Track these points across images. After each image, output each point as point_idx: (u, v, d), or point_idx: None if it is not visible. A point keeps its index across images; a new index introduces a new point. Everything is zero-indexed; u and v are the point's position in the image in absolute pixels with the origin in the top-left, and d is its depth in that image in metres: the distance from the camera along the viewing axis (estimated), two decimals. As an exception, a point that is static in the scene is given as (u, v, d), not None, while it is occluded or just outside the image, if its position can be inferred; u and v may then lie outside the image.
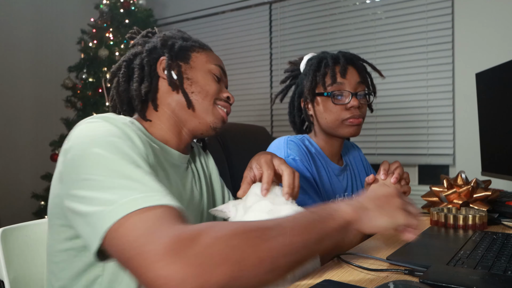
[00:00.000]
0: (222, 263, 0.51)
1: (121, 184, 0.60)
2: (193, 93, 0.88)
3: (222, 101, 0.93)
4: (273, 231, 0.56)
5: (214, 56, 0.95)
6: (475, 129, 1.64)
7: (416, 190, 2.46)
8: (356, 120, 1.16)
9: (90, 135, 0.68)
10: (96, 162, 0.63)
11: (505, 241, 0.84)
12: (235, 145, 1.49)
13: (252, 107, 3.10)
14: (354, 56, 1.21)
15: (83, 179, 0.62)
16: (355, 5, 2.68)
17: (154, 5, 3.44)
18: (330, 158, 1.24)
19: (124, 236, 0.55)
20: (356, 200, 0.68)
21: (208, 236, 0.53)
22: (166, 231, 0.54)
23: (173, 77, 0.88)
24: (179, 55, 0.91)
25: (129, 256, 0.53)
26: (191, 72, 0.90)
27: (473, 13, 2.32)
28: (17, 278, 0.84)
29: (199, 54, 0.93)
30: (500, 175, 1.39)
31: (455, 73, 2.38)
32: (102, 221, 0.57)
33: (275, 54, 3.01)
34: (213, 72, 0.92)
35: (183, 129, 0.90)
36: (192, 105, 0.88)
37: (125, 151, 0.66)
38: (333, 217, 0.62)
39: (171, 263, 0.50)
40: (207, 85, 0.90)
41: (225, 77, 0.97)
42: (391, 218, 0.67)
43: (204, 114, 0.90)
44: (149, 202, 0.58)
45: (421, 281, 0.59)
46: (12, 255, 0.84)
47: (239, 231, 0.55)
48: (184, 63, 0.90)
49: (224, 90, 0.95)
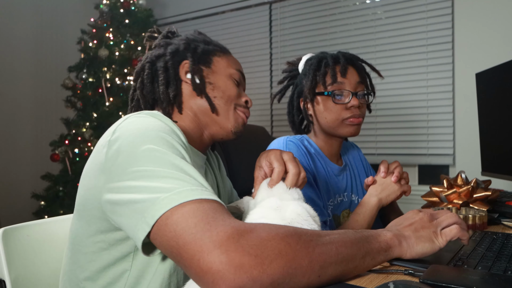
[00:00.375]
0: (278, 258, 0.53)
1: (175, 175, 0.61)
2: (215, 98, 0.90)
3: (241, 106, 0.94)
4: (324, 239, 0.59)
5: (234, 61, 0.96)
6: (475, 129, 1.64)
7: (416, 190, 2.46)
8: (356, 119, 1.16)
9: (141, 129, 0.68)
10: (148, 155, 0.64)
11: (505, 241, 0.85)
12: (235, 145, 1.49)
13: (252, 107, 3.09)
14: (353, 56, 1.22)
15: (135, 171, 0.63)
16: (355, 5, 2.68)
17: (154, 5, 3.44)
18: (329, 158, 1.24)
19: (180, 223, 0.55)
20: (392, 228, 0.70)
21: (265, 231, 0.55)
22: (223, 221, 0.55)
23: (196, 81, 0.89)
24: (202, 59, 0.92)
25: (184, 242, 0.54)
26: (213, 76, 0.91)
27: (473, 13, 2.32)
28: (18, 277, 0.84)
29: (220, 58, 0.94)
30: (500, 175, 1.39)
31: (455, 73, 2.38)
32: (155, 208, 0.58)
33: (275, 54, 3.01)
34: (233, 77, 0.93)
35: (205, 132, 0.92)
36: (216, 110, 0.89)
37: (176, 146, 0.68)
38: (376, 239, 0.64)
39: (229, 250, 0.51)
40: (228, 90, 0.91)
41: (243, 81, 0.98)
42: (431, 244, 0.68)
43: (226, 119, 0.91)
44: (204, 195, 0.59)
45: (421, 281, 0.59)
46: (13, 255, 0.84)
47: (292, 232, 0.57)
48: (206, 67, 0.91)
49: (243, 95, 0.96)
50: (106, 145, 0.69)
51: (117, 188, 0.64)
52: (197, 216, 0.56)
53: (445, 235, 0.69)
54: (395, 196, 1.14)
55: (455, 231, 0.70)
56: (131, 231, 0.62)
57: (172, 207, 0.57)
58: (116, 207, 0.64)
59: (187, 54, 0.91)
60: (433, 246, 0.68)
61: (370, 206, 1.12)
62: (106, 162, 0.68)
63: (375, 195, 1.13)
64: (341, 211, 1.22)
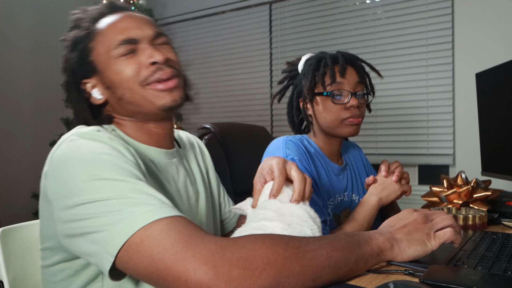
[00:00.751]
0: (267, 267, 0.52)
1: (127, 199, 0.58)
2: (123, 96, 0.77)
3: (150, 76, 0.76)
4: (313, 244, 0.58)
5: (111, 33, 0.78)
6: (475, 129, 1.64)
7: (416, 190, 2.45)
8: (355, 119, 1.16)
9: (75, 157, 0.64)
10: (90, 184, 0.60)
11: (505, 241, 0.84)
12: (235, 145, 1.49)
13: (252, 107, 3.10)
14: (352, 56, 1.22)
15: (79, 202, 0.60)
16: (355, 5, 2.68)
17: (154, 5, 3.44)
18: (329, 157, 1.24)
19: (154, 247, 0.53)
20: (385, 229, 0.69)
21: (250, 242, 0.54)
22: (202, 238, 0.54)
23: (98, 97, 0.80)
24: (85, 71, 0.79)
25: (165, 266, 0.52)
26: (105, 78, 0.78)
27: (473, 13, 2.32)
28: (16, 278, 0.84)
29: (96, 49, 0.78)
30: (500, 175, 1.39)
31: (455, 73, 2.38)
32: (115, 238, 0.56)
33: (275, 54, 3.01)
34: (118, 54, 0.76)
35: (149, 125, 0.82)
36: (133, 107, 0.78)
37: (120, 165, 0.63)
38: (368, 243, 0.63)
39: (216, 266, 0.51)
40: (121, 79, 0.76)
41: (139, 40, 0.77)
42: (423, 247, 0.67)
43: (148, 105, 0.77)
44: (164, 213, 0.57)
45: (421, 281, 0.59)
46: (12, 255, 0.84)
47: (279, 240, 0.56)
48: (96, 74, 0.79)
49: (146, 57, 0.76)
50: (44, 178, 0.68)
51: (67, 220, 0.62)
52: (171, 236, 0.54)
53: (438, 237, 0.68)
54: (395, 196, 1.14)
55: (449, 235, 0.68)
56: (95, 262, 0.59)
57: (132, 235, 0.54)
58: (72, 239, 0.62)
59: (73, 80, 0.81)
60: (425, 249, 0.67)
61: (370, 206, 1.12)
62: (48, 194, 0.66)
63: (375, 194, 1.13)
64: (341, 210, 1.22)
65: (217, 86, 3.24)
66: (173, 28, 3.45)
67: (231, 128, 1.56)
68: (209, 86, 3.28)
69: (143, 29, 0.79)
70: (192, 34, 3.35)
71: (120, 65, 0.76)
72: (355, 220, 1.10)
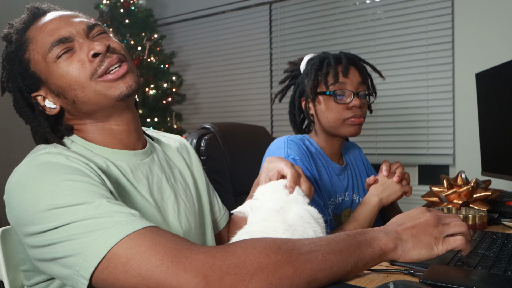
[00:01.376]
0: (258, 271, 0.52)
1: (91, 220, 0.57)
2: (76, 99, 0.73)
3: (96, 68, 0.72)
4: (308, 247, 0.57)
5: (41, 39, 0.73)
6: (475, 129, 1.64)
7: (416, 190, 2.45)
8: (357, 119, 1.16)
9: (32, 184, 0.62)
10: (53, 212, 0.59)
11: (505, 241, 0.84)
12: (235, 145, 1.49)
13: (252, 107, 3.10)
14: (355, 56, 1.22)
15: (45, 229, 0.59)
16: (355, 5, 2.68)
17: (154, 5, 3.44)
18: (330, 157, 1.24)
19: (142, 265, 0.53)
20: (392, 227, 0.66)
21: (240, 248, 0.54)
22: (190, 250, 0.54)
23: (52, 107, 0.76)
24: (29, 84, 0.75)
25: (157, 283, 0.52)
26: (51, 85, 0.74)
27: (473, 13, 2.32)
28: (16, 278, 0.84)
29: (32, 58, 0.74)
30: (500, 175, 1.39)
31: (455, 73, 2.38)
32: (85, 261, 0.55)
33: (275, 54, 3.01)
34: (58, 56, 0.72)
35: (111, 124, 0.78)
36: (88, 107, 0.74)
37: (80, 187, 0.61)
38: (370, 244, 0.62)
39: (207, 276, 0.51)
40: (69, 80, 0.72)
41: (73, 37, 0.73)
42: (428, 250, 0.64)
43: (103, 99, 0.73)
44: (134, 227, 0.56)
45: (421, 281, 0.59)
46: (12, 255, 0.84)
47: (270, 243, 0.56)
48: (41, 84, 0.75)
49: (85, 51, 0.72)
50: (6, 204, 0.66)
51: (34, 246, 0.61)
52: (158, 252, 0.53)
53: (447, 244, 0.65)
54: (396, 197, 1.14)
55: (459, 243, 0.64)
56: (70, 284, 0.59)
57: (106, 254, 0.54)
58: (45, 263, 0.61)
59: (20, 97, 0.76)
60: (430, 253, 0.64)
61: (371, 206, 1.12)
62: (12, 222, 0.65)
63: (376, 194, 1.13)
64: (342, 210, 1.22)
65: (217, 86, 3.24)
66: (173, 28, 3.45)
67: (231, 128, 1.56)
68: (209, 86, 3.28)
69: (74, 25, 0.74)
70: (192, 34, 3.35)
71: (62, 68, 0.72)
72: (355, 220, 1.11)
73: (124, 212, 0.59)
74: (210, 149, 1.38)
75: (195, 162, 0.97)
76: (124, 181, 0.74)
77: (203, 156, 1.36)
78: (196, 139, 1.39)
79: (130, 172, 0.76)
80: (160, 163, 0.85)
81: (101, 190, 0.62)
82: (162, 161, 0.86)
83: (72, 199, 0.59)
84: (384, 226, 0.68)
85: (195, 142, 1.38)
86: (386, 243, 0.63)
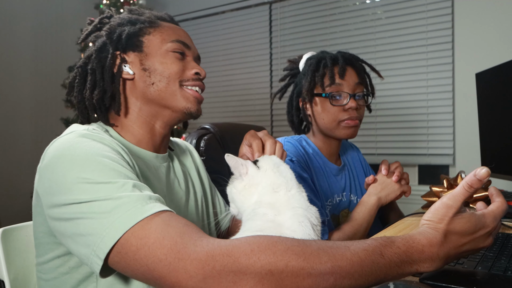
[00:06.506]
0: (258, 285, 0.51)
1: (112, 201, 0.58)
2: (154, 84, 0.81)
3: (190, 80, 0.84)
4: (320, 267, 0.51)
5: (170, 31, 0.85)
6: (475, 129, 1.64)
7: (416, 190, 2.45)
8: (352, 121, 1.16)
9: (67, 155, 0.65)
10: (80, 185, 0.61)
11: (505, 241, 0.84)
12: (235, 145, 1.49)
13: (252, 107, 3.10)
14: (353, 56, 1.21)
15: (69, 201, 0.60)
16: (355, 5, 2.68)
17: (154, 5, 3.44)
18: (328, 158, 1.24)
19: (149, 257, 0.54)
20: (448, 248, 0.55)
21: (246, 257, 0.53)
22: (194, 247, 0.54)
23: (130, 72, 0.81)
24: (129, 45, 0.82)
25: (160, 275, 0.54)
26: (147, 60, 0.81)
27: (473, 13, 2.32)
28: (17, 278, 0.84)
29: (152, 36, 0.83)
30: (500, 175, 1.39)
31: (455, 73, 2.38)
32: (103, 241, 0.56)
33: (275, 54, 3.01)
34: (172, 51, 0.82)
35: (156, 124, 0.84)
36: (159, 96, 0.81)
37: (111, 166, 0.64)
38: (402, 267, 0.53)
39: (206, 277, 0.51)
40: (166, 70, 0.81)
41: (190, 48, 0.86)
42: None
43: (174, 102, 0.82)
44: (150, 210, 0.58)
45: (421, 281, 0.59)
46: (13, 255, 0.84)
47: (279, 258, 0.51)
48: (138, 52, 0.82)
49: (191, 66, 0.85)
50: (38, 173, 0.69)
51: (56, 218, 0.63)
52: (164, 246, 0.54)
53: None
54: (394, 196, 1.14)
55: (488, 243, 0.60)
56: (85, 263, 0.60)
57: (122, 235, 0.55)
58: (64, 237, 0.63)
59: (115, 46, 0.82)
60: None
61: (369, 205, 1.12)
62: (38, 190, 0.68)
63: (374, 193, 1.13)
64: (340, 211, 1.22)
65: (217, 86, 3.24)
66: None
67: (231, 128, 1.55)
68: (209, 86, 3.28)
69: (193, 45, 0.89)
70: (192, 34, 3.32)
71: (169, 59, 0.82)
72: (354, 220, 1.10)
73: (144, 194, 0.60)
74: (209, 149, 1.39)
75: (200, 165, 1.02)
76: (146, 175, 0.78)
77: (203, 156, 1.36)
78: (195, 139, 1.39)
79: (149, 172, 0.81)
80: (174, 168, 0.90)
81: (128, 172, 0.65)
82: (176, 166, 0.92)
83: (98, 176, 0.61)
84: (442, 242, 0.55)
85: (194, 142, 1.38)
86: (427, 267, 0.54)
